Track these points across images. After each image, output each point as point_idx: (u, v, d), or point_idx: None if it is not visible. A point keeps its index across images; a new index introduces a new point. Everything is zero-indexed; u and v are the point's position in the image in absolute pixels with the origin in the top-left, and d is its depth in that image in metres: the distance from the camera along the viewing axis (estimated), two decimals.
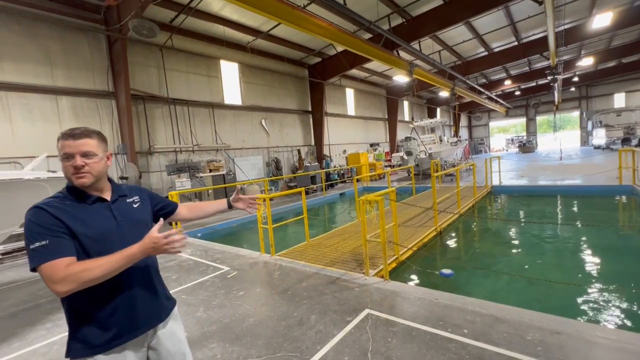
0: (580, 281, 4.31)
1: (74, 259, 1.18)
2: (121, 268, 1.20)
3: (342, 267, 4.51)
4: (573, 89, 30.81)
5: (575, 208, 8.74)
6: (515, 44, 17.01)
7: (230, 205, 1.89)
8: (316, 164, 15.12)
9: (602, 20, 11.66)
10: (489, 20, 13.90)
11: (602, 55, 20.62)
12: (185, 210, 1.79)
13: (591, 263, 5.02)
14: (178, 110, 11.27)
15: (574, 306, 3.71)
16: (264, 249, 5.46)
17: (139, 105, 10.24)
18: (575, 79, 26.39)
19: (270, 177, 13.68)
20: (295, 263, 4.87)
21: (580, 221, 7.35)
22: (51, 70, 8.41)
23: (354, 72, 18.57)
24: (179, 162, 10.97)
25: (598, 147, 24.58)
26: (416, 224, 6.74)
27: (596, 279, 4.45)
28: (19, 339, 3.31)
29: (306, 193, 10.40)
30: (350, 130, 20.60)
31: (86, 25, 8.89)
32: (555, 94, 22.74)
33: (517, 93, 31.34)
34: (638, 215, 7.47)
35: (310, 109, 17.14)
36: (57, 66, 8.51)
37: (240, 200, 1.89)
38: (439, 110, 31.85)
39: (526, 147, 30.50)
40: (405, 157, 16.47)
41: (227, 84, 13.13)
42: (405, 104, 27.34)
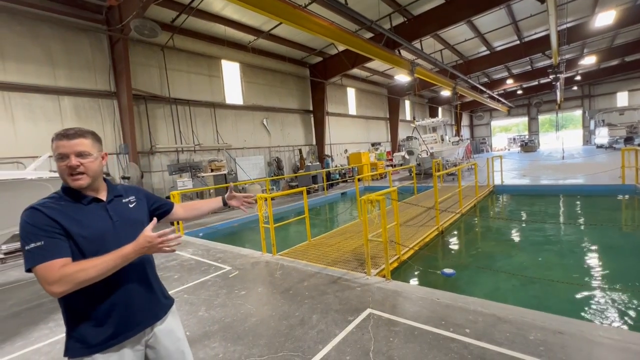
0: (582, 281, 4.29)
1: (69, 259, 1.18)
2: (116, 268, 1.20)
3: (344, 267, 4.51)
4: (575, 87, 30.66)
5: (577, 207, 8.71)
6: (517, 42, 16.95)
7: (225, 203, 1.90)
8: (317, 163, 15.12)
9: (605, 18, 11.60)
10: (490, 19, 13.85)
11: (605, 53, 20.51)
12: (181, 210, 1.79)
13: (594, 263, 5.00)
14: (179, 110, 11.28)
15: (577, 306, 3.70)
16: (265, 248, 5.47)
17: (141, 105, 10.26)
18: (578, 77, 26.27)
19: (272, 177, 13.68)
20: (296, 263, 4.87)
21: (582, 221, 7.32)
22: (53, 70, 8.44)
23: (355, 72, 18.55)
24: (181, 162, 10.98)
25: (601, 146, 24.45)
26: (418, 223, 6.73)
27: (599, 278, 4.43)
28: (22, 338, 3.33)
29: (307, 193, 10.40)
30: (352, 129, 20.57)
31: (88, 25, 8.91)
32: (558, 93, 22.65)
33: (519, 92, 31.22)
34: None
35: (311, 108, 17.13)
36: (59, 66, 8.54)
37: (234, 198, 1.91)
38: (440, 109, 31.78)
39: (528, 147, 30.37)
40: (407, 157, 16.44)
41: (229, 84, 13.14)
42: (407, 103, 27.28)
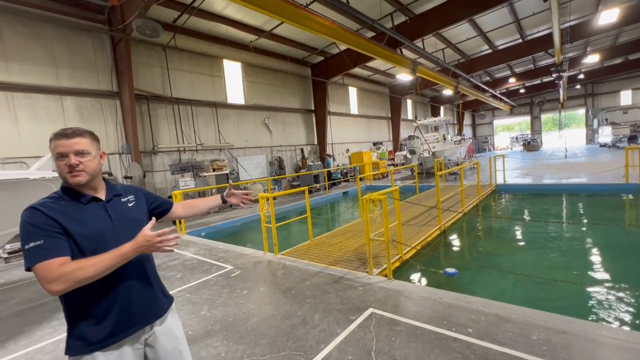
0: (586, 280, 4.27)
1: (68, 258, 1.19)
2: (114, 266, 1.21)
3: (346, 266, 4.51)
4: (578, 86, 30.49)
5: (580, 207, 8.66)
6: (520, 41, 16.87)
7: (224, 200, 1.90)
8: (319, 162, 15.12)
9: (609, 16, 11.55)
10: (493, 18, 13.78)
11: (608, 52, 20.38)
12: (181, 208, 1.80)
13: (597, 262, 4.98)
14: (181, 110, 11.31)
15: (580, 305, 3.68)
16: (267, 248, 5.47)
17: (143, 105, 10.29)
18: (581, 76, 26.14)
19: (274, 176, 13.70)
20: (298, 262, 4.87)
21: (586, 220, 7.28)
22: (56, 70, 8.48)
23: (357, 71, 18.53)
24: (183, 162, 11.01)
25: (604, 145, 24.33)
26: (420, 222, 6.71)
27: (602, 278, 4.40)
28: (25, 337, 3.35)
29: (309, 192, 10.40)
30: (353, 129, 20.55)
31: (90, 25, 8.94)
32: (561, 92, 22.56)
33: (522, 91, 31.09)
34: None
35: (313, 108, 17.12)
36: (62, 67, 8.58)
37: (233, 195, 1.89)
38: (442, 108, 31.68)
39: (531, 146, 30.25)
40: (409, 156, 16.41)
41: (230, 84, 13.15)
42: (409, 102, 27.22)
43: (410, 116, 27.17)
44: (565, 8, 12.36)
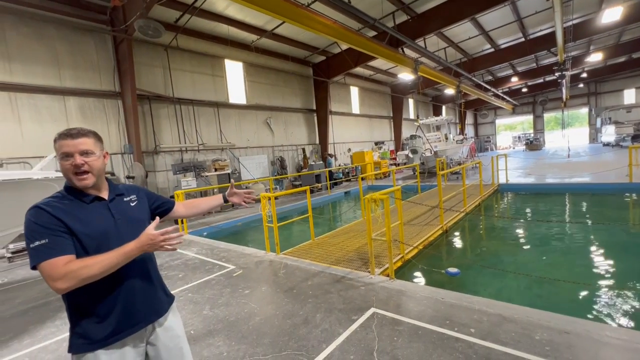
0: (589, 280, 4.25)
1: (73, 256, 1.20)
2: (118, 265, 1.22)
3: (348, 266, 4.50)
4: (581, 85, 30.32)
5: (583, 206, 8.61)
6: (522, 40, 16.79)
7: (226, 199, 1.91)
8: (321, 162, 15.11)
9: (612, 14, 11.44)
10: (495, 16, 13.72)
11: (612, 50, 20.25)
12: (183, 208, 1.81)
13: (600, 262, 4.94)
14: (183, 110, 11.33)
15: (583, 305, 3.66)
16: (269, 247, 5.48)
17: (145, 105, 10.32)
18: (584, 75, 25.98)
19: (275, 176, 13.70)
20: (300, 262, 4.87)
21: (589, 219, 7.24)
22: (59, 71, 8.51)
23: (359, 70, 18.50)
24: (185, 162, 11.03)
25: (607, 144, 24.19)
26: (422, 222, 6.70)
27: (606, 278, 4.38)
28: (29, 335, 3.37)
29: (311, 192, 10.40)
30: (355, 128, 20.53)
31: (92, 26, 8.97)
32: (563, 91, 22.44)
33: (524, 90, 30.96)
34: None
35: (314, 107, 17.12)
36: (65, 67, 8.61)
37: (235, 194, 1.91)
38: (444, 108, 31.59)
39: (533, 145, 30.12)
40: (411, 156, 16.37)
41: (232, 83, 13.17)
42: (410, 101, 27.17)
43: (412, 115, 27.11)
44: (568, 6, 12.28)
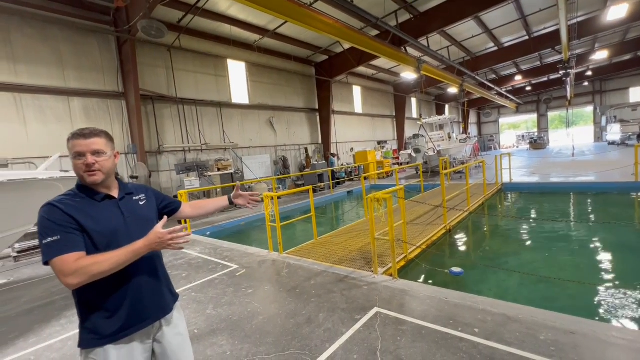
0: (594, 280, 4.21)
1: (84, 253, 1.23)
2: (127, 262, 1.26)
3: (351, 265, 4.50)
4: (586, 83, 30.05)
5: (588, 205, 8.54)
6: (526, 38, 16.66)
7: (231, 201, 1.94)
8: (323, 162, 15.10)
9: (618, 12, 11.31)
10: (498, 15, 13.63)
11: (617, 48, 20.04)
12: (189, 208, 1.84)
13: (606, 261, 4.90)
14: (186, 110, 11.37)
15: (589, 305, 3.63)
16: (272, 247, 5.48)
17: (148, 106, 10.37)
18: (589, 73, 25.75)
19: (278, 176, 13.72)
20: (303, 261, 4.87)
21: (594, 219, 7.18)
22: (63, 72, 8.57)
23: (361, 70, 18.44)
24: (188, 162, 11.08)
25: (612, 143, 23.97)
26: (425, 222, 6.68)
27: (611, 277, 4.34)
28: (34, 334, 3.40)
29: (314, 191, 10.40)
30: (358, 128, 20.50)
31: (96, 27, 9.03)
32: (568, 89, 22.20)
33: (528, 88, 30.70)
34: None
35: (317, 107, 17.11)
36: (69, 68, 8.67)
37: (240, 196, 1.95)
38: (447, 107, 31.46)
39: (537, 144, 29.90)
40: (414, 155, 16.32)
41: (235, 83, 13.19)
42: (413, 101, 27.07)
43: (414, 115, 27.02)
44: (573, 4, 12.16)
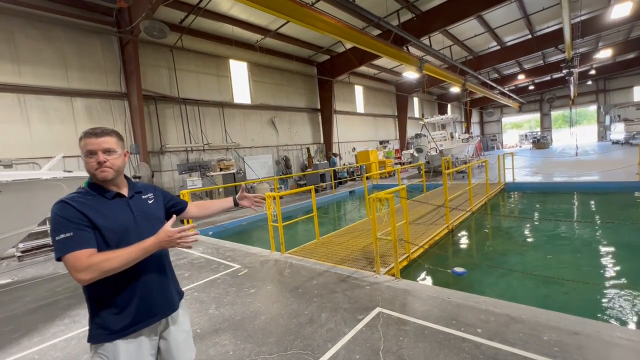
0: (598, 280, 4.18)
1: (95, 250, 1.27)
2: (138, 259, 1.29)
3: (353, 265, 4.49)
4: (590, 82, 29.87)
5: (592, 205, 8.49)
6: (529, 37, 16.58)
7: (236, 203, 1.98)
8: (325, 161, 15.10)
9: (621, 10, 11.22)
10: (501, 13, 13.58)
11: (621, 46, 19.91)
12: (194, 209, 1.88)
13: (610, 262, 4.87)
14: (189, 110, 11.40)
15: (593, 306, 3.60)
16: (274, 247, 5.49)
17: (151, 106, 10.41)
18: (592, 72, 25.58)
19: (280, 176, 13.73)
20: (305, 261, 4.87)
21: (598, 219, 7.13)
22: (66, 72, 8.62)
23: (363, 69, 18.42)
24: (190, 161, 11.11)
25: (616, 142, 23.81)
26: (427, 221, 6.66)
27: (615, 278, 4.30)
28: (38, 333, 3.42)
29: (316, 191, 10.40)
30: (360, 127, 20.47)
31: (99, 27, 9.07)
32: (571, 88, 22.06)
33: (531, 87, 30.58)
34: None
35: (319, 106, 17.11)
36: (72, 68, 8.72)
37: (245, 198, 1.98)
38: (449, 106, 31.36)
39: (540, 143, 29.78)
40: (416, 155, 16.29)
41: (237, 83, 13.22)
42: (415, 100, 27.01)
43: (417, 114, 26.95)
44: (576, 2, 12.09)
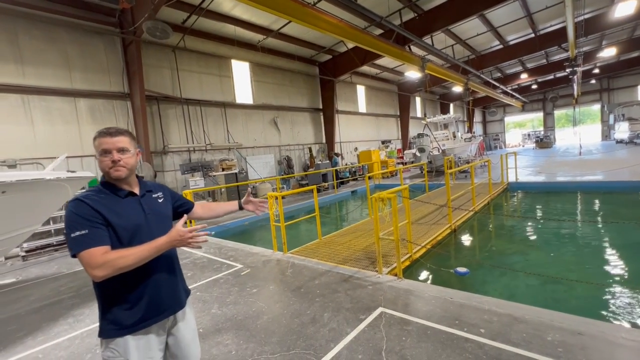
0: (602, 280, 4.15)
1: (109, 247, 1.31)
2: (150, 257, 1.33)
3: (355, 265, 4.49)
4: (593, 81, 29.68)
5: (596, 205, 8.43)
6: (532, 35, 16.50)
7: (241, 206, 2.01)
8: (327, 161, 15.09)
9: (625, 8, 11.15)
10: (504, 12, 13.51)
11: (625, 45, 19.76)
12: (200, 209, 1.92)
13: (614, 261, 4.83)
14: (191, 110, 11.44)
15: (597, 306, 3.58)
16: (276, 246, 5.49)
17: (153, 106, 10.45)
18: (596, 70, 25.40)
19: (282, 176, 13.74)
20: (307, 261, 4.87)
21: (601, 218, 7.08)
22: (69, 73, 8.67)
23: (365, 69, 18.41)
24: (193, 161, 11.14)
25: (620, 142, 23.65)
26: (430, 221, 6.64)
27: (620, 278, 4.27)
28: (42, 333, 3.44)
29: (318, 191, 10.40)
30: (362, 127, 20.46)
31: (102, 28, 9.11)
32: (575, 87, 21.89)
33: (534, 87, 30.40)
34: None
35: (321, 106, 17.11)
36: (75, 69, 8.77)
37: (250, 202, 2.01)
38: (452, 105, 31.24)
39: (543, 143, 29.60)
40: (418, 154, 16.24)
41: (239, 84, 13.24)
42: (418, 100, 26.94)
43: (419, 114, 26.88)
44: (580, 1, 12.01)
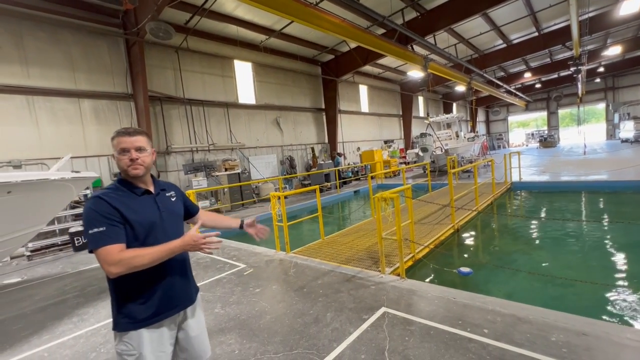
0: (607, 281, 4.12)
1: (124, 245, 1.36)
2: (163, 259, 1.39)
3: (358, 265, 4.49)
4: (598, 80, 29.46)
5: (601, 205, 8.37)
6: (536, 34, 16.39)
7: (242, 226, 2.03)
8: (330, 161, 15.10)
9: (630, 6, 11.03)
10: (507, 11, 13.42)
11: (631, 43, 19.55)
12: (204, 216, 1.99)
13: (619, 262, 4.80)
14: (194, 111, 11.47)
15: (601, 306, 3.56)
16: (279, 246, 5.50)
17: (157, 106, 10.50)
18: (601, 69, 25.20)
19: (285, 175, 13.75)
20: (310, 261, 4.88)
21: (606, 218, 7.03)
22: (74, 74, 8.73)
23: (368, 69, 18.39)
24: (196, 162, 11.18)
25: (626, 141, 23.45)
26: (433, 221, 6.62)
27: (625, 278, 4.24)
28: (47, 332, 3.47)
29: (320, 191, 10.40)
30: (364, 127, 20.43)
31: (105, 29, 9.16)
32: (579, 86, 21.75)
33: (538, 86, 30.19)
34: None
35: (323, 106, 17.10)
36: (79, 70, 8.82)
37: (252, 226, 2.02)
38: (455, 105, 31.14)
39: (547, 142, 29.40)
40: (421, 154, 16.18)
41: (241, 84, 13.27)
42: (420, 99, 26.86)
43: (422, 113, 26.81)
44: None
